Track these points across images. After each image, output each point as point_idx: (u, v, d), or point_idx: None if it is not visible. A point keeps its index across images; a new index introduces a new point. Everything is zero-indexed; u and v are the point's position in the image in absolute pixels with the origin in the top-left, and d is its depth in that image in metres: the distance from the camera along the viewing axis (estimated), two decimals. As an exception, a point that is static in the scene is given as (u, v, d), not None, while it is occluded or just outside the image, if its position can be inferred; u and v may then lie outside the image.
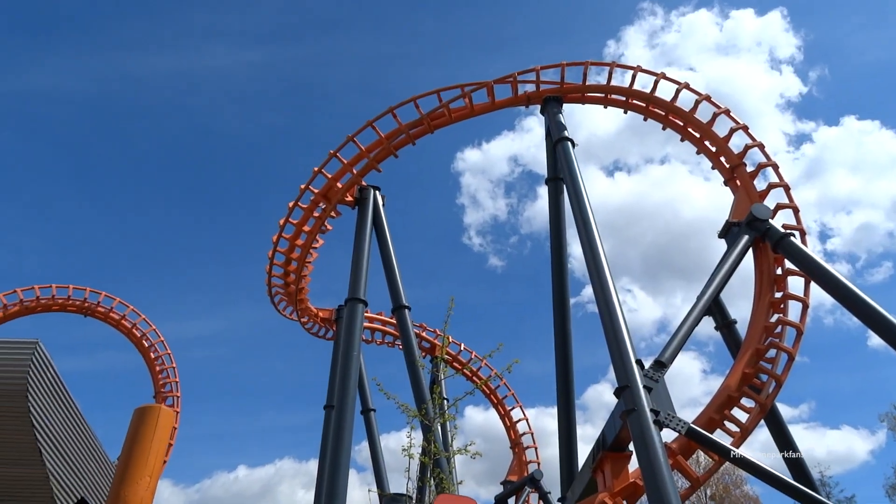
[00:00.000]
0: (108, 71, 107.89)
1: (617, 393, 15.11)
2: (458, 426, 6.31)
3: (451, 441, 6.07)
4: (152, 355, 36.12)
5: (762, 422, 17.42)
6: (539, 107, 25.01)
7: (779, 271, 18.89)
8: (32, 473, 10.07)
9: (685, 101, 23.19)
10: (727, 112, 22.24)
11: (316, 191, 26.85)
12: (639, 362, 15.31)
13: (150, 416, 2.01)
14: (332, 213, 27.20)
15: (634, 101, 24.37)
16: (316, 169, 26.61)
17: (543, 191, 25.52)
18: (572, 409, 20.90)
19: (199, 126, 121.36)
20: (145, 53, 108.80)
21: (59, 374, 10.21)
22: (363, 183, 26.55)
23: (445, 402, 6.92)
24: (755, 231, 18.84)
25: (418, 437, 7.40)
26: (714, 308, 19.34)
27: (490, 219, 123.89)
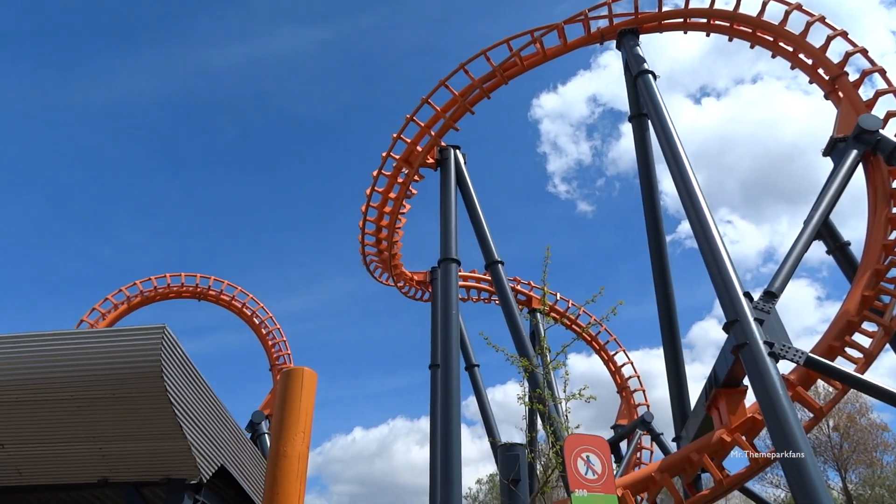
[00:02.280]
0: (186, 68, 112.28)
1: (726, 328, 14.68)
2: (569, 372, 6.34)
3: (565, 387, 6.13)
4: (263, 331, 38.10)
5: (888, 345, 16.46)
6: (614, 42, 24.04)
7: (895, 185, 17.55)
8: (176, 446, 10.97)
9: (773, 13, 21.61)
10: (822, 19, 20.55)
11: (397, 157, 27.17)
12: (747, 295, 14.76)
13: (296, 377, 2.17)
14: (416, 177, 27.48)
15: (716, 22, 22.95)
16: (395, 135, 26.88)
17: (627, 128, 24.75)
18: (679, 349, 20.50)
19: (277, 110, 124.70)
20: (217, 47, 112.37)
21: (187, 354, 10.99)
22: (442, 144, 26.60)
23: (548, 352, 6.94)
24: (864, 144, 17.51)
25: (526, 390, 7.48)
26: (824, 231, 18.27)
27: (574, 164, 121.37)
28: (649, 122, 21.72)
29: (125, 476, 11.69)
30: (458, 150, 26.67)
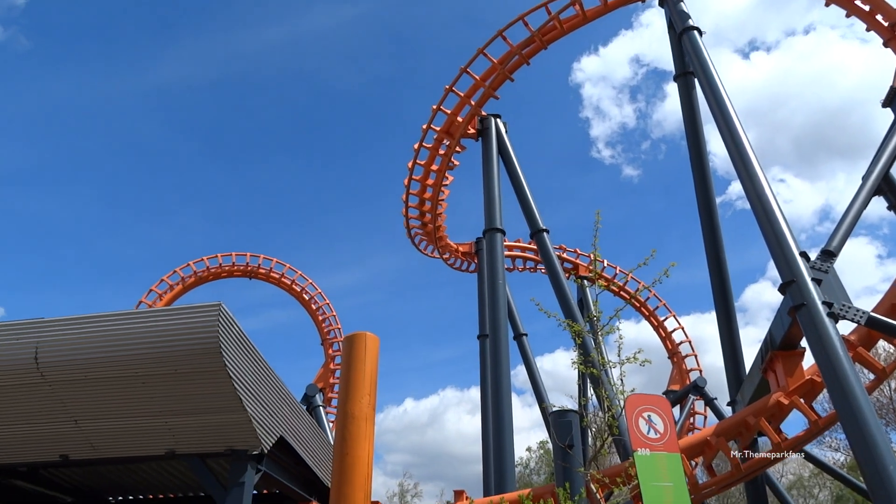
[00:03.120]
0: (225, 52, 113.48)
1: (782, 289, 14.30)
2: (623, 336, 6.28)
3: (619, 351, 6.09)
4: (313, 306, 38.84)
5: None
6: (657, -1, 23.27)
7: (961, 134, 16.67)
8: (238, 418, 11.35)
9: (827, -42, 20.58)
10: (880, -39, 19.49)
11: (438, 128, 27.07)
12: (803, 254, 14.33)
13: (359, 342, 2.21)
14: (457, 148, 27.37)
15: (766, -28, 21.98)
16: (435, 107, 26.75)
17: (672, 88, 24.06)
18: (732, 312, 20.06)
19: (316, 88, 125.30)
20: (254, 28, 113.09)
21: (243, 330, 11.30)
22: (483, 113, 26.36)
23: (599, 315, 6.87)
24: (928, 92, 16.67)
25: (579, 355, 7.46)
26: (885, 186, 17.51)
27: (618, 127, 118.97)
28: (696, 80, 21.04)
29: (191, 448, 12.18)
30: (498, 119, 26.40)
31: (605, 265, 36.48)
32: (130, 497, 17.19)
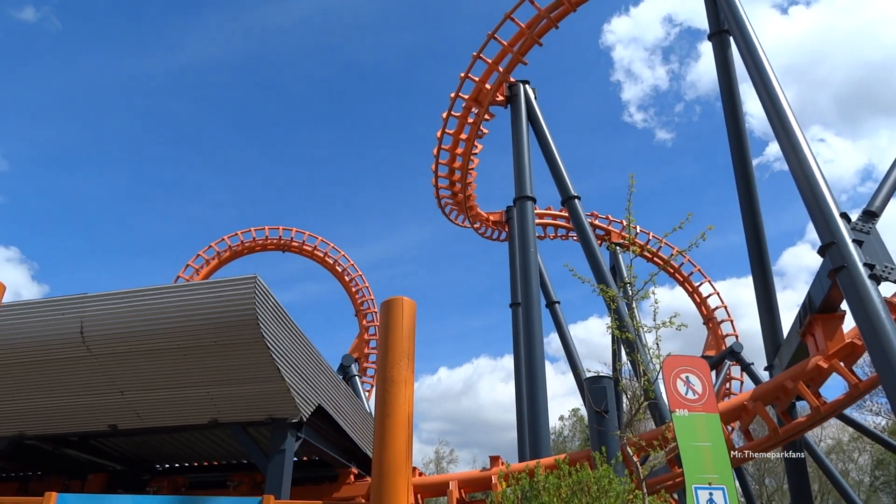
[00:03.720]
0: (252, 28, 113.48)
1: (821, 251, 13.98)
2: (658, 300, 6.22)
3: (654, 315, 6.04)
4: (346, 278, 39.26)
5: None
6: (690, -45, 22.52)
7: None
8: (276, 388, 11.60)
9: None
10: None
11: (466, 97, 26.82)
12: (843, 216, 13.95)
13: (396, 307, 2.23)
14: (486, 116, 27.12)
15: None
16: (462, 74, 26.48)
17: (707, 48, 23.45)
18: (769, 276, 19.70)
19: (344, 61, 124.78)
20: (280, 4, 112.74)
21: (279, 301, 11.48)
22: (511, 79, 26.01)
23: (634, 280, 6.81)
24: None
25: (613, 321, 7.42)
26: (930, 142, 16.88)
27: (650, 90, 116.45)
28: (731, 38, 20.42)
29: (232, 417, 12.52)
30: (527, 85, 26.04)
31: (638, 231, 36.06)
32: (177, 465, 17.79)
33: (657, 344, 5.76)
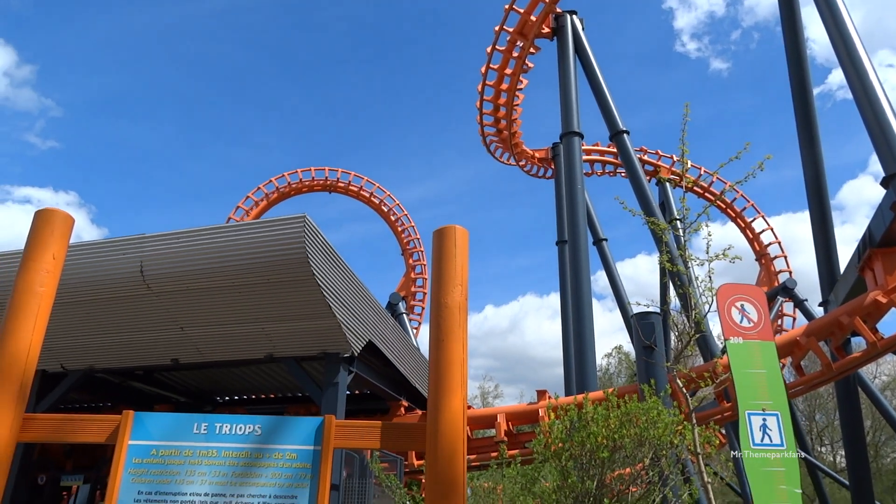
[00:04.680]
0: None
1: (885, 182, 13.40)
2: (711, 233, 6.07)
3: (707, 248, 5.91)
4: (392, 218, 39.52)
5: None
6: None
7: None
8: (329, 324, 11.92)
9: None
10: None
11: (511, 30, 26.05)
12: (911, 144, 13.28)
13: (449, 235, 2.25)
14: (532, 50, 26.35)
15: None
16: (507, 6, 25.66)
17: (767, -31, 22.00)
18: (827, 209, 19.04)
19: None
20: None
21: (328, 240, 11.67)
22: (558, 10, 25.08)
23: (684, 216, 6.65)
24: None
25: (663, 255, 7.30)
26: None
27: (705, 17, 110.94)
28: (794, -43, 19.20)
29: (287, 352, 12.97)
30: (574, 16, 25.08)
31: (689, 165, 35.06)
32: (236, 397, 18.62)
33: (710, 276, 5.67)
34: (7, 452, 1.76)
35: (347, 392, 13.80)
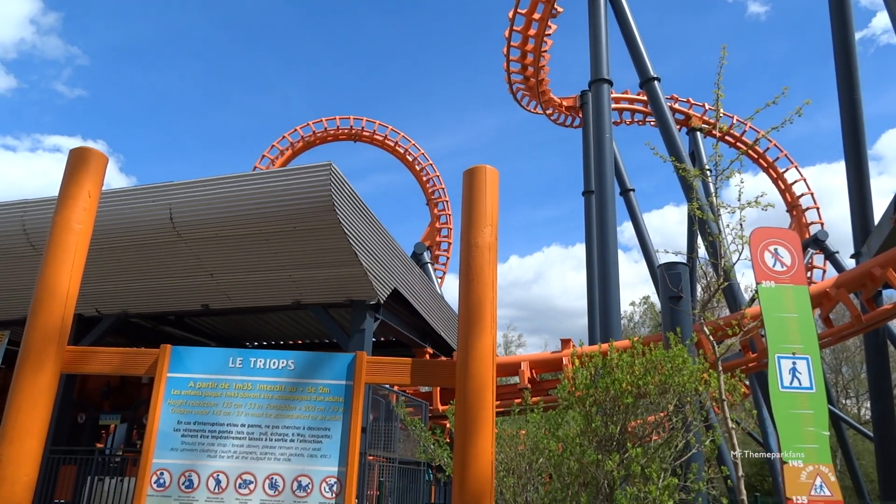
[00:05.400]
0: None
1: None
2: (743, 179, 5.93)
3: (739, 195, 5.79)
4: (417, 167, 39.36)
5: None
6: None
7: None
8: (355, 272, 12.05)
9: None
10: None
11: (540, -28, 25.30)
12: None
13: (479, 174, 2.24)
14: (561, -7, 25.60)
15: None
16: (536, -53, 24.85)
17: None
18: (864, 160, 18.52)
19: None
20: None
21: (354, 188, 11.68)
22: (589, -50, 24.21)
23: (717, 163, 6.50)
24: None
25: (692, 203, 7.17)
26: None
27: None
28: None
29: (314, 298, 13.16)
30: (606, -43, 24.20)
31: (721, 114, 34.20)
32: (265, 343, 19.05)
33: (741, 224, 5.58)
34: (53, 382, 1.82)
35: (373, 339, 14.02)
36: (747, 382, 19.62)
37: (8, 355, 14.72)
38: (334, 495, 1.87)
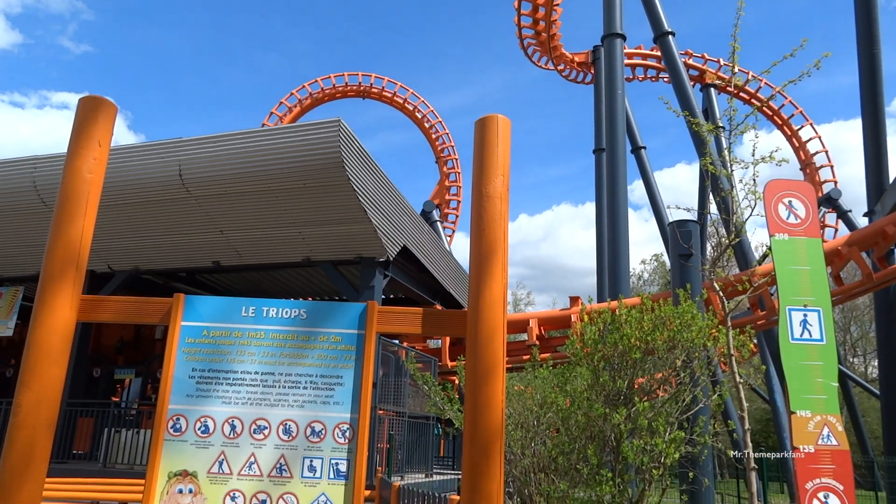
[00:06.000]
0: None
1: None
2: (758, 134, 5.83)
3: (753, 150, 5.70)
4: (426, 125, 39.01)
5: None
6: None
7: None
8: (364, 229, 12.07)
9: None
10: None
11: (553, -79, 24.58)
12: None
13: (491, 123, 2.21)
14: (574, -56, 24.89)
15: None
16: None
17: None
18: (881, 116, 18.16)
19: None
20: None
21: (363, 145, 11.61)
22: None
23: (731, 117, 6.38)
24: None
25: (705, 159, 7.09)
26: None
27: None
28: None
29: (324, 255, 13.21)
30: None
31: (736, 69, 33.53)
32: (275, 300, 19.20)
33: (754, 179, 5.51)
34: (69, 329, 1.85)
35: (383, 296, 14.11)
36: (755, 341, 19.70)
37: (23, 311, 14.94)
38: (347, 441, 1.91)
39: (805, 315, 3.59)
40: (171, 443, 1.90)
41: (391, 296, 17.81)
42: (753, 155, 5.71)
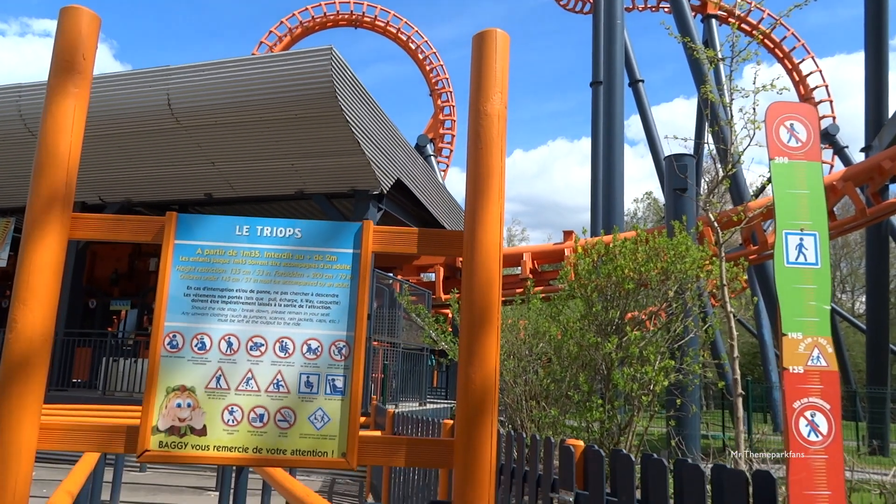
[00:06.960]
0: None
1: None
2: (760, 61, 5.70)
3: (754, 79, 5.60)
4: (420, 56, 38.12)
5: None
6: None
7: None
8: (357, 161, 11.95)
9: None
10: None
11: None
12: None
13: (489, 38, 2.11)
14: None
15: None
16: None
17: None
18: (885, 49, 17.84)
19: None
20: None
21: (356, 75, 11.35)
22: None
23: (734, 44, 6.24)
24: None
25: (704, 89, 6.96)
26: None
27: None
28: None
29: (317, 188, 13.12)
30: None
31: (738, 1, 32.69)
32: (269, 233, 19.18)
33: (753, 108, 5.44)
34: (60, 247, 1.82)
35: (377, 229, 14.08)
36: (745, 277, 19.92)
37: (15, 243, 14.90)
38: (343, 358, 1.92)
39: (801, 239, 3.60)
40: (168, 359, 1.91)
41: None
42: (755, 83, 5.63)
